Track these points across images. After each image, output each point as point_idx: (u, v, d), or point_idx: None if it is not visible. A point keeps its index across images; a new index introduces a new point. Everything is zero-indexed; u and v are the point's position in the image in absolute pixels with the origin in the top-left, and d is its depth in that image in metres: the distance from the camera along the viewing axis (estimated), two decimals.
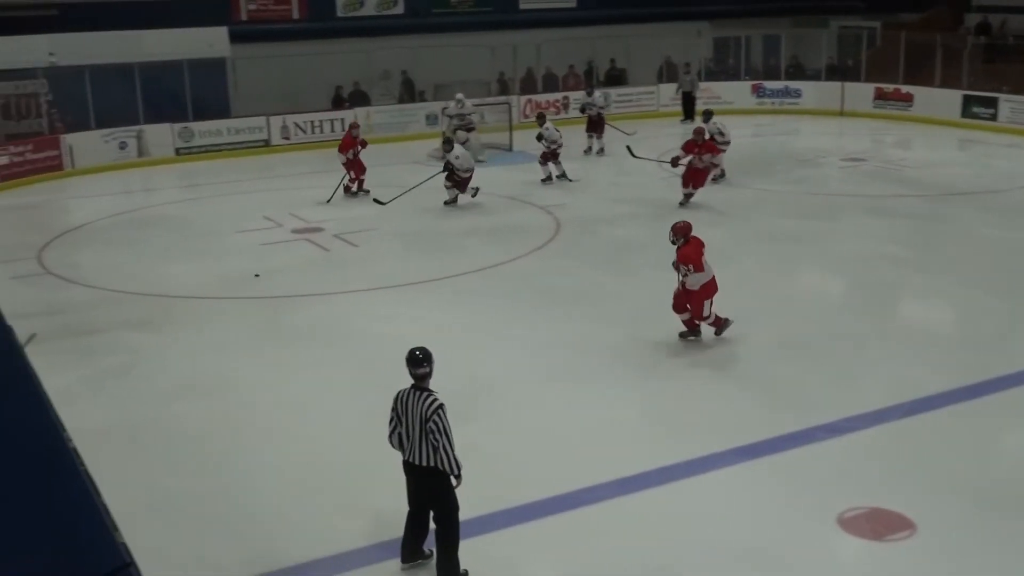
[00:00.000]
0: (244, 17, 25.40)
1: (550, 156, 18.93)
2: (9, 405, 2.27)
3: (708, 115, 18.91)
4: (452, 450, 6.18)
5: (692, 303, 10.26)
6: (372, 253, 14.51)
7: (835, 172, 19.94)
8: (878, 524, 6.89)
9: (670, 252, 12.13)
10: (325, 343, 10.76)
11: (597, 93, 22.83)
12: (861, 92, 26.50)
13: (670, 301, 11.31)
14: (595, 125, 22.01)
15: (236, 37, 24.03)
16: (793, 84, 27.64)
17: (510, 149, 22.45)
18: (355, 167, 18.27)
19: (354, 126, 18.92)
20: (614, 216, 16.10)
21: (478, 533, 6.84)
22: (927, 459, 7.93)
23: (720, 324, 10.42)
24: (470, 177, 17.19)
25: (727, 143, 18.48)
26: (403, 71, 26.07)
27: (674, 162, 16.65)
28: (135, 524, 1.80)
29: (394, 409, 6.35)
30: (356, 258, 14.33)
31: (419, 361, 6.36)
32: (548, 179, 18.96)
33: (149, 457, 8.26)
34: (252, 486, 7.69)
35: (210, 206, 18.04)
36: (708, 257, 10.43)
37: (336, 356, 10.31)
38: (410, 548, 6.50)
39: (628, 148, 18.23)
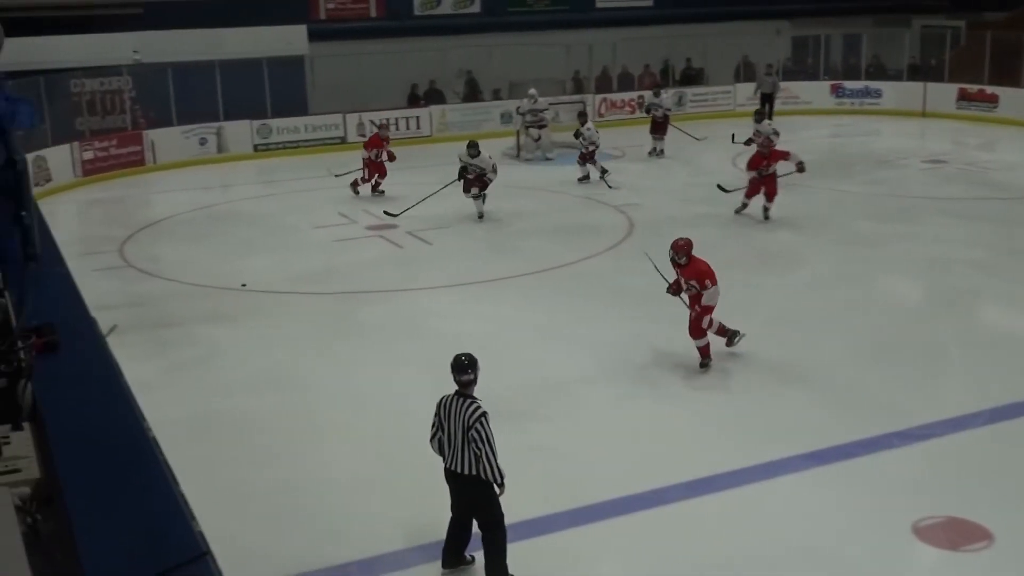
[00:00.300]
0: (323, 15, 25.72)
1: (588, 157, 18.79)
2: (93, 395, 2.34)
3: (760, 115, 18.48)
4: (495, 459, 6.10)
5: (693, 319, 9.74)
6: (445, 251, 14.58)
7: (915, 174, 19.55)
8: (954, 534, 6.75)
9: (745, 252, 12.03)
10: (395, 340, 10.85)
11: (665, 94, 22.47)
12: (944, 93, 25.92)
13: (743, 302, 11.23)
14: (659, 127, 21.62)
15: (314, 35, 24.36)
16: (873, 84, 27.15)
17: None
18: (375, 168, 18.28)
19: (383, 127, 19.16)
20: (688, 216, 15.95)
21: (543, 532, 6.87)
22: (1006, 468, 7.74)
23: (727, 333, 9.96)
24: (489, 181, 16.35)
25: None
26: (467, 71, 26.09)
27: (753, 191, 15.60)
28: (205, 514, 1.84)
29: (437, 414, 6.29)
30: (429, 255, 14.42)
31: (464, 367, 6.27)
32: (585, 178, 18.83)
33: (220, 448, 8.41)
34: (320, 480, 7.78)
35: (286, 202, 18.28)
36: (777, 261, 10.29)
37: (406, 353, 10.39)
38: (452, 553, 6.46)
39: (720, 187, 16.65)
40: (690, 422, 8.69)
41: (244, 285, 12.88)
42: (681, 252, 9.92)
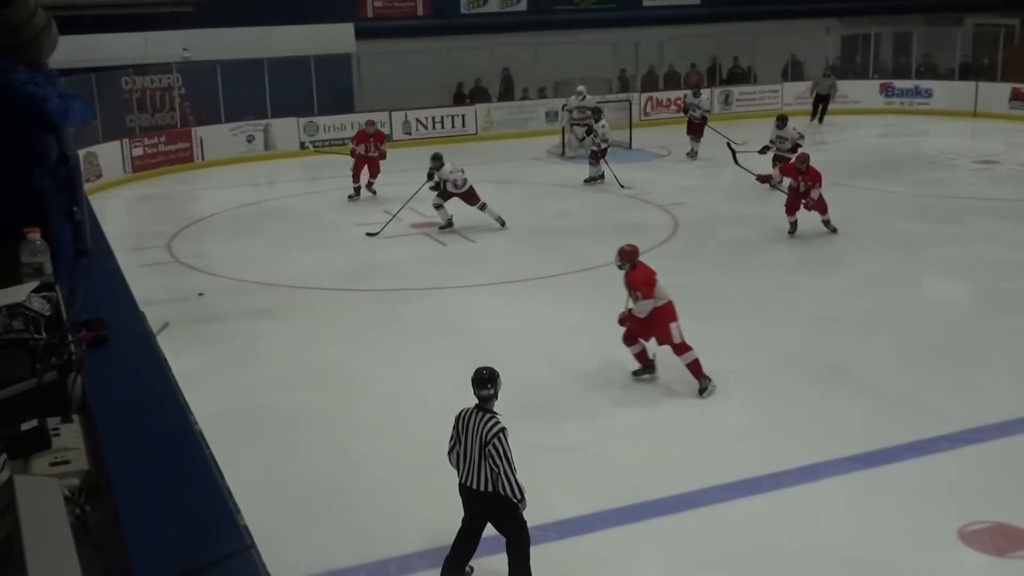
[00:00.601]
0: (370, 14, 25.85)
1: (600, 155, 18.48)
2: (141, 388, 2.37)
3: (783, 120, 17.89)
4: (514, 476, 5.96)
5: (658, 331, 9.27)
6: (488, 249, 14.61)
7: (966, 175, 19.29)
8: (1001, 540, 6.66)
9: (790, 252, 11.95)
10: (438, 337, 10.88)
11: (704, 95, 21.96)
12: (996, 92, 25.54)
13: (787, 303, 11.15)
14: (695, 128, 21.07)
15: (362, 33, 24.48)
16: (924, 83, 26.82)
17: (629, 147, 22.33)
18: (365, 164, 17.91)
19: (369, 123, 18.75)
20: (735, 216, 15.86)
21: (580, 533, 6.87)
22: None
23: (645, 364, 9.50)
24: (471, 189, 15.39)
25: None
26: (504, 68, 26.05)
27: (763, 178, 15.29)
28: (246, 507, 1.87)
29: (455, 428, 6.19)
30: (472, 253, 14.45)
31: (484, 381, 6.14)
32: (598, 179, 18.50)
33: (262, 442, 8.48)
34: (360, 477, 7.83)
35: (332, 199, 18.40)
36: (822, 262, 10.17)
37: (448, 350, 10.41)
38: (455, 565, 6.30)
39: (730, 146, 16.35)
40: (730, 423, 8.63)
41: (201, 294, 12.68)
42: (625, 259, 9.47)
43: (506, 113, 24.99)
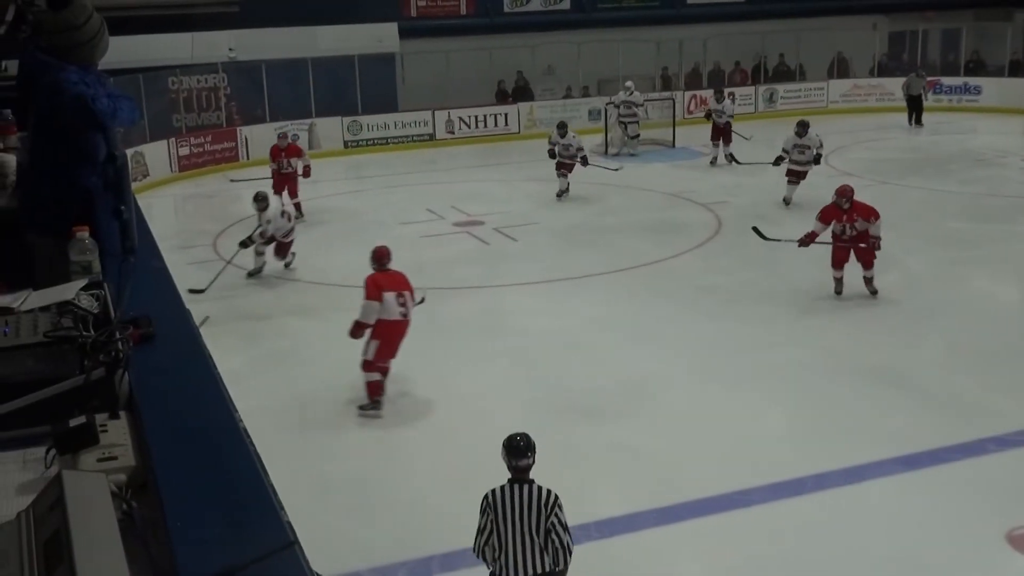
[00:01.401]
0: (413, 13, 25.93)
1: (566, 168, 17.41)
2: (187, 385, 2.40)
3: (805, 126, 16.24)
4: (572, 544, 5.26)
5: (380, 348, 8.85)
6: (531, 247, 14.60)
7: (1016, 173, 18.99)
8: None
9: (828, 252, 11.82)
10: (480, 336, 10.90)
11: (728, 100, 21.15)
12: None
13: (832, 302, 11.06)
14: (720, 133, 20.20)
15: (405, 33, 24.58)
16: (973, 80, 26.42)
17: (672, 145, 22.24)
18: (283, 181, 16.25)
19: (281, 136, 17.30)
20: (777, 215, 15.73)
21: (625, 531, 6.85)
22: None
23: (373, 395, 8.91)
24: (290, 242, 13.53)
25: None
26: (519, 71, 25.71)
27: (805, 241, 11.74)
28: (290, 503, 1.89)
29: (489, 513, 5.26)
30: (515, 252, 14.45)
31: (522, 451, 5.29)
32: (564, 192, 17.47)
33: (307, 440, 8.54)
34: (402, 474, 7.87)
35: (375, 198, 18.49)
36: None
37: (490, 350, 10.43)
38: None
39: (756, 231, 13.38)
40: (777, 423, 8.57)
41: (207, 318, 12.04)
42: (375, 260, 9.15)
43: (549, 111, 24.93)
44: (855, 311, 11.35)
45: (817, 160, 16.04)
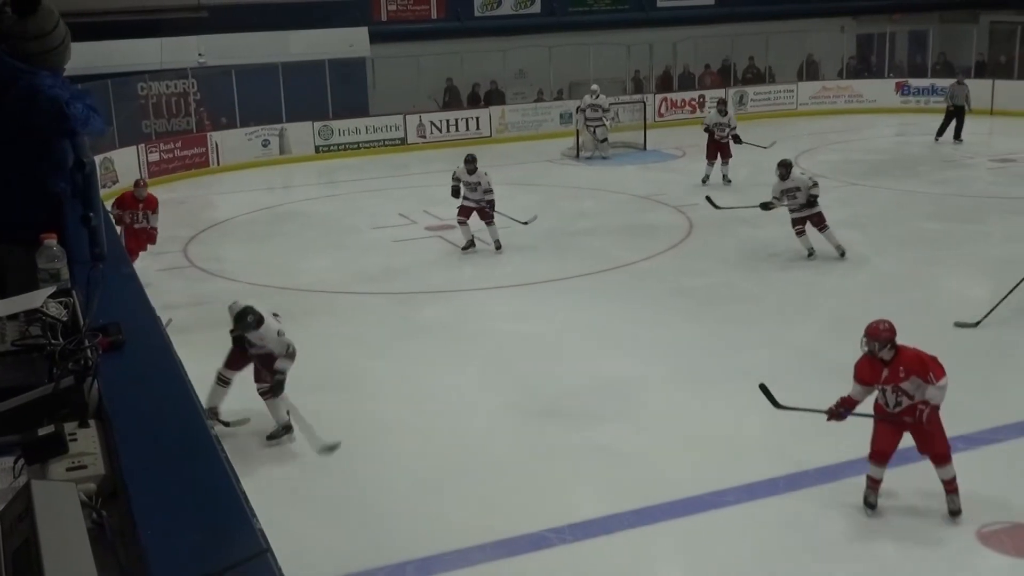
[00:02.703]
0: (384, 17, 25.87)
1: (485, 215, 14.22)
2: (157, 393, 2.38)
3: (787, 168, 13.50)
4: None
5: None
6: (504, 251, 14.56)
7: (984, 173, 19.19)
8: (1020, 540, 6.62)
9: (805, 253, 11.87)
10: (455, 340, 10.88)
11: (731, 111, 19.06)
12: (1013, 90, 25.34)
13: (805, 303, 11.13)
14: (719, 149, 18.19)
15: (376, 37, 24.52)
16: (940, 82, 26.65)
17: (644, 148, 22.31)
18: (136, 240, 12.84)
19: (139, 183, 13.57)
20: (749, 216, 15.78)
21: (602, 533, 6.85)
22: None
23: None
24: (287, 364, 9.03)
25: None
26: (448, 78, 25.38)
27: (837, 412, 7.94)
28: (264, 510, 1.87)
29: None
30: (488, 256, 14.44)
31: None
32: (470, 246, 14.33)
33: (281, 445, 8.49)
34: (378, 479, 7.83)
35: (347, 203, 18.44)
36: (840, 262, 10.01)
37: (465, 353, 10.42)
38: None
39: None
40: (752, 423, 8.58)
41: (171, 320, 11.70)
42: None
43: (521, 115, 24.97)
44: (829, 311, 11.42)
45: (812, 202, 13.21)
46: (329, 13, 24.00)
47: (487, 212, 14.17)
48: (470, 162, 14.30)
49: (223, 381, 8.80)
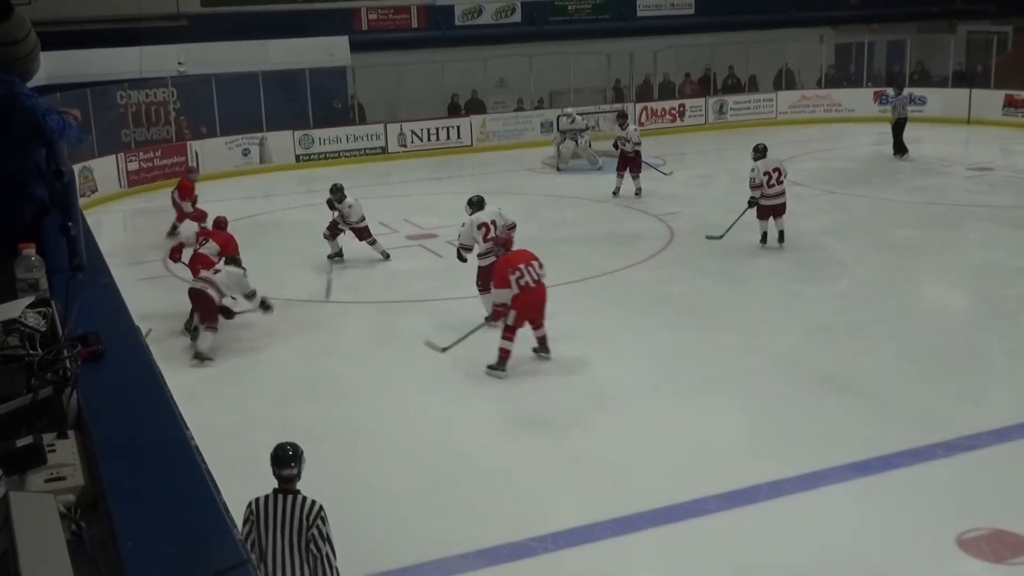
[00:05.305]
0: (365, 27, 25.89)
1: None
2: (137, 403, 2.37)
3: (763, 150, 14.57)
4: (336, 560, 5.23)
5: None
6: None
7: (961, 181, 19.31)
8: (1000, 546, 6.64)
9: (787, 260, 11.94)
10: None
11: (632, 126, 18.90)
12: (990, 99, 25.56)
13: (784, 310, 11.17)
14: (629, 162, 18.35)
15: (356, 46, 24.53)
16: (918, 91, 26.84)
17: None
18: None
19: (191, 171, 17.32)
20: (728, 224, 15.85)
21: (584, 542, 6.84)
22: None
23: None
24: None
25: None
26: (454, 94, 25.32)
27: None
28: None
29: (251, 521, 5.24)
30: (469, 265, 14.39)
31: (286, 460, 5.38)
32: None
33: (262, 456, 8.43)
34: (359, 489, 7.80)
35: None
36: (819, 270, 10.13)
37: (448, 362, 10.40)
38: None
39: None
40: (731, 432, 8.62)
41: (150, 330, 11.91)
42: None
43: (502, 124, 25.02)
44: (808, 319, 11.47)
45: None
46: (309, 22, 24.02)
47: (360, 233, 14.56)
48: (336, 191, 14.81)
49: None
